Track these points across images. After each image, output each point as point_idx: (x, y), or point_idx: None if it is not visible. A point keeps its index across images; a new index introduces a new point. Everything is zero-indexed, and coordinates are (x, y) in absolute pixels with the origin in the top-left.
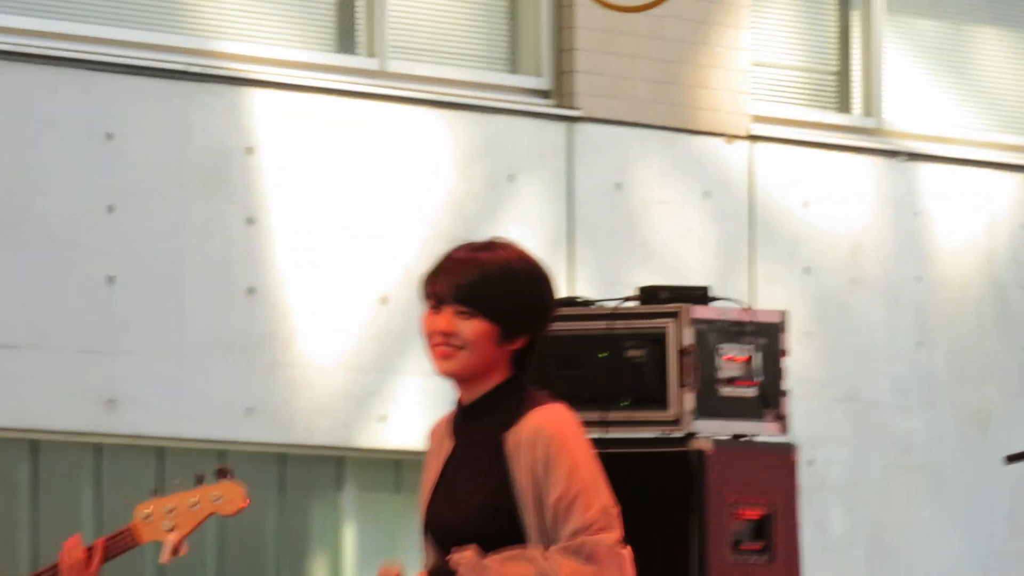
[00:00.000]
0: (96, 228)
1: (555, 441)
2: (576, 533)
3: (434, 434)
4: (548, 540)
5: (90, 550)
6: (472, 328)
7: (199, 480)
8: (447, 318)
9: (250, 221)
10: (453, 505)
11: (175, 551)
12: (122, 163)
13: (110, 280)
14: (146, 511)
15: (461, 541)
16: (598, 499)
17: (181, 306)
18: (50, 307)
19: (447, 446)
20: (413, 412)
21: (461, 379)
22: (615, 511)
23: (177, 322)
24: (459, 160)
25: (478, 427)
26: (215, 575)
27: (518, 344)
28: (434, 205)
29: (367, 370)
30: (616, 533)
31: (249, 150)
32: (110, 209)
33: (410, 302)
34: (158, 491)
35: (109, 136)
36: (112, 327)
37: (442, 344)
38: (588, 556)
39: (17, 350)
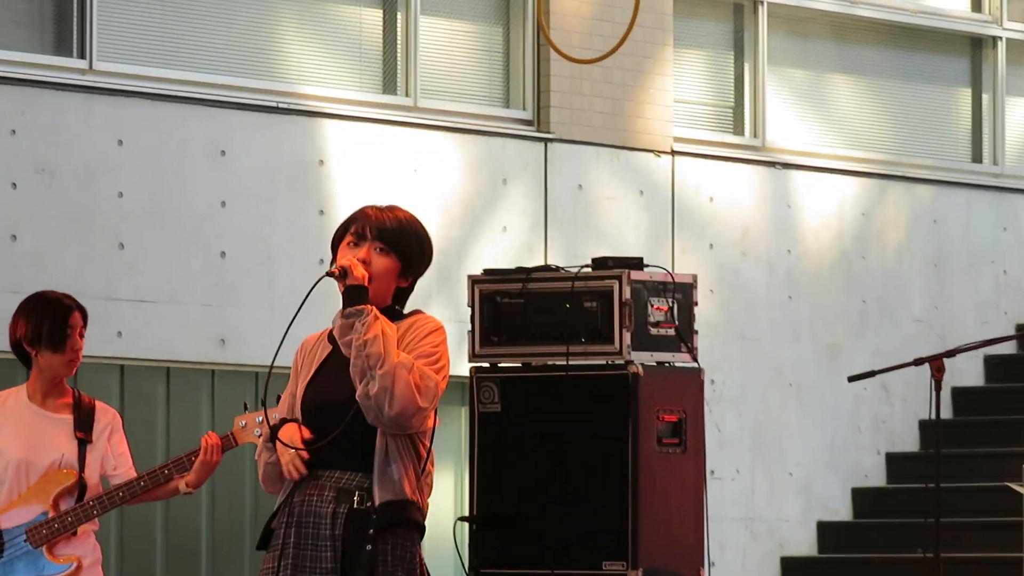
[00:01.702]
0: (213, 217)
1: (433, 329)
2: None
3: (303, 348)
4: None
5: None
6: (385, 262)
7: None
8: (366, 250)
9: (321, 212)
10: (331, 390)
11: None
12: (232, 172)
13: (222, 254)
14: (242, 421)
15: (335, 417)
16: (442, 367)
17: (271, 273)
18: (180, 273)
19: (321, 352)
20: None
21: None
22: (440, 383)
23: (269, 284)
24: (468, 169)
25: None
26: None
27: (406, 283)
28: (451, 201)
29: None
30: (438, 383)
31: (321, 162)
32: (223, 204)
33: (433, 271)
34: (248, 407)
35: (223, 153)
36: (223, 288)
37: None
38: (421, 374)
39: (157, 304)
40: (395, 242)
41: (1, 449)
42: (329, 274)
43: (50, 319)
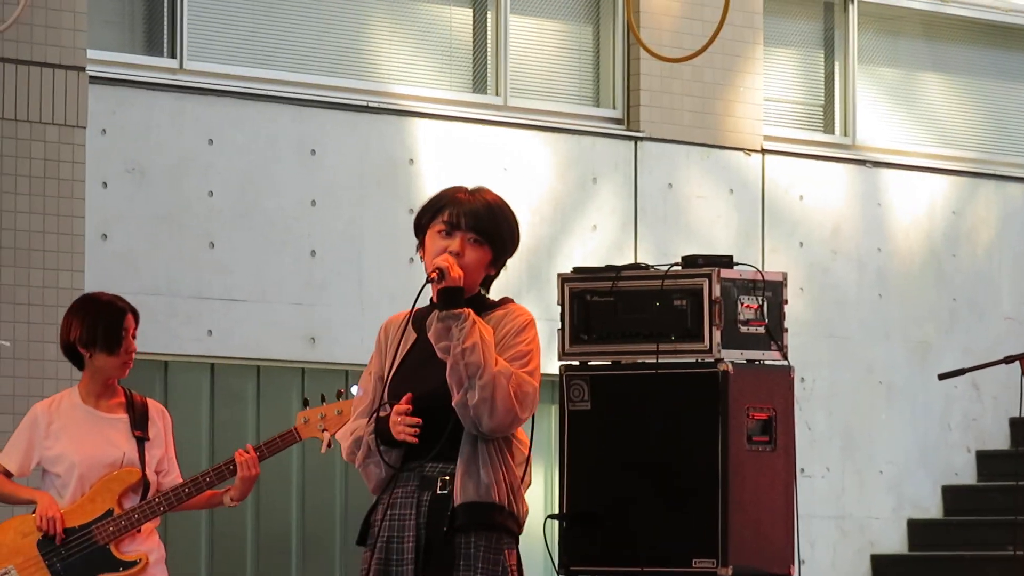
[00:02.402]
0: (303, 216)
1: (525, 324)
2: (516, 368)
3: (387, 329)
4: None
5: (258, 448)
6: (478, 255)
7: (339, 395)
8: (459, 242)
9: (411, 211)
10: (421, 381)
11: (328, 445)
12: (322, 171)
13: (312, 253)
14: (304, 417)
15: (423, 412)
16: (535, 367)
17: (361, 271)
18: (270, 272)
19: (406, 339)
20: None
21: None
22: (537, 387)
23: (358, 283)
24: (558, 168)
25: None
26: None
27: (495, 270)
28: (542, 200)
29: None
30: (536, 389)
31: (411, 161)
32: (313, 203)
33: (522, 269)
34: (309, 402)
35: (313, 152)
36: (313, 287)
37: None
38: (519, 382)
39: (247, 303)
40: (489, 232)
41: (62, 453)
42: (429, 280)
43: (105, 321)
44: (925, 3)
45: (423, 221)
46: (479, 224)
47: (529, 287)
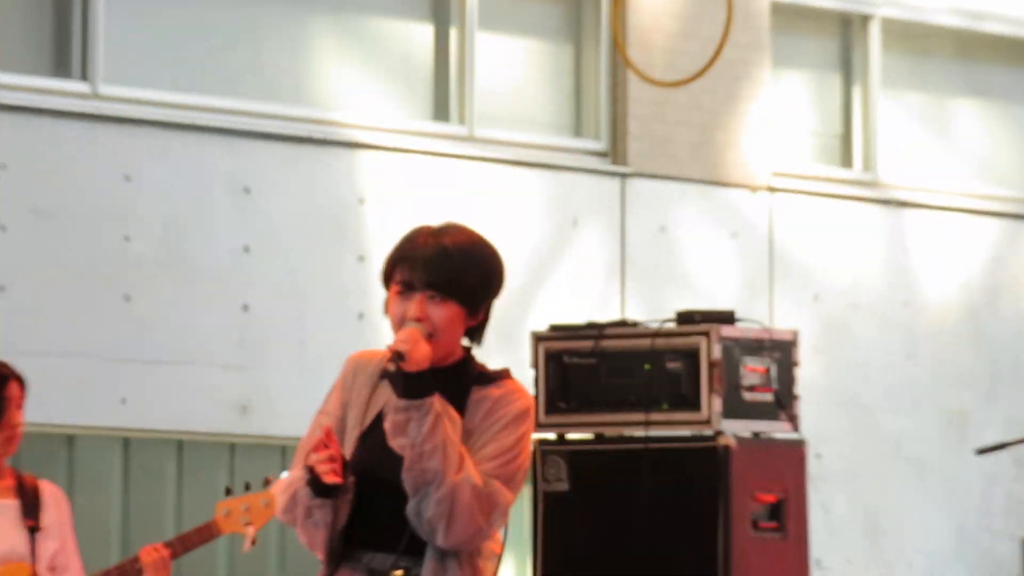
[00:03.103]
0: (235, 265)
1: (519, 413)
2: (488, 472)
3: (355, 370)
4: None
5: (170, 545)
6: (444, 312)
7: (266, 483)
8: (419, 303)
9: (361, 259)
10: (391, 459)
11: (252, 542)
12: (257, 212)
13: (246, 308)
14: (225, 508)
15: (386, 499)
16: (520, 464)
17: (303, 329)
18: (196, 330)
19: (379, 395)
20: None
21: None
22: (513, 493)
23: (300, 343)
24: (533, 209)
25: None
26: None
27: (477, 320)
28: (514, 246)
29: None
30: (510, 500)
31: (361, 200)
32: (246, 249)
33: (491, 327)
34: (232, 491)
35: (247, 190)
36: (246, 347)
37: None
38: (490, 493)
39: (169, 365)
40: (451, 285)
41: None
42: (384, 371)
43: None
44: (957, 19)
45: (385, 274)
46: (437, 278)
47: (498, 347)
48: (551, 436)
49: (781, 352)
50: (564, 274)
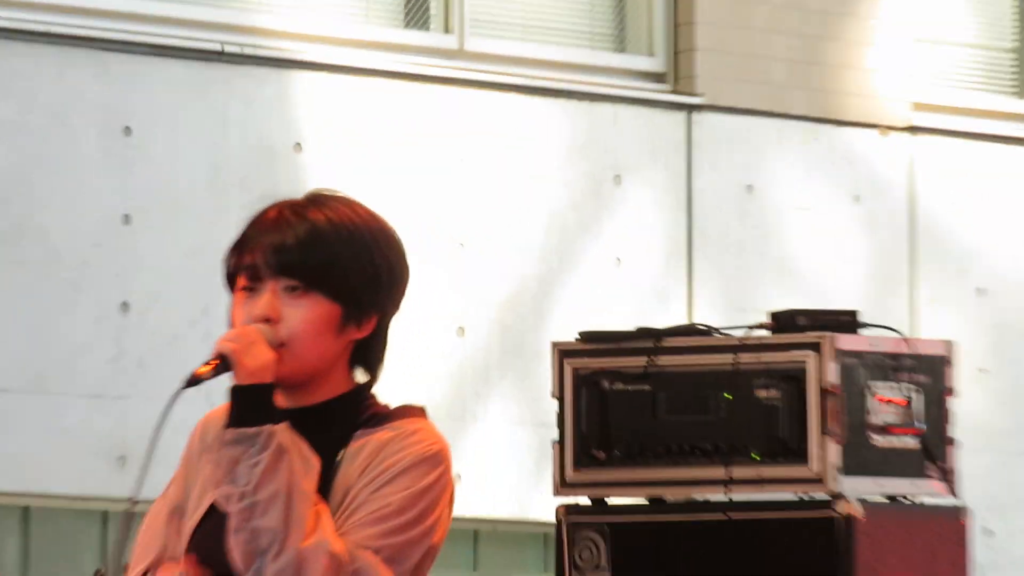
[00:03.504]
0: (109, 243)
1: (420, 458)
2: (361, 543)
3: (203, 434)
4: None
5: None
6: (305, 311)
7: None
8: (268, 300)
9: None
10: (225, 552)
11: None
12: (143, 164)
13: (124, 307)
14: None
15: None
16: (412, 551)
17: (210, 338)
18: (52, 342)
19: (208, 493)
20: (494, 472)
21: (287, 386)
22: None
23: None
24: (554, 159)
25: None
26: None
27: (364, 331)
28: (524, 216)
29: (441, 417)
30: None
31: (297, 147)
32: (126, 220)
33: (491, 335)
34: None
35: (127, 131)
36: (125, 366)
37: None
38: (357, 569)
39: (10, 395)
40: (317, 271)
41: None
42: (192, 381)
43: None
44: None
45: (228, 269)
46: (294, 259)
47: (500, 367)
48: (583, 501)
49: (929, 374)
50: (601, 256)
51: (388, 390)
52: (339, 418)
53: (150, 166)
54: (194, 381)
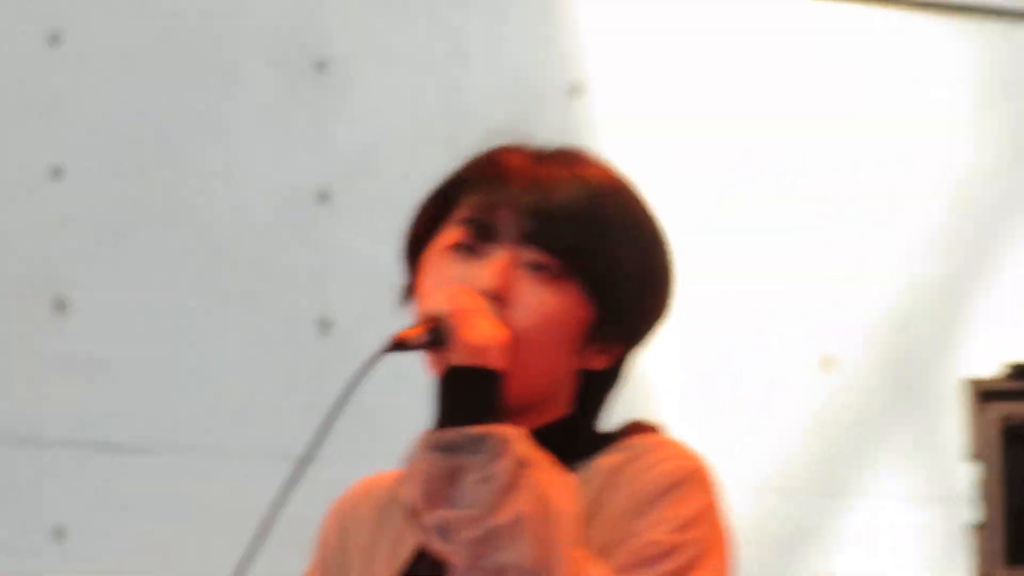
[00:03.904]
0: (36, 201)
1: (685, 477)
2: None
3: (342, 521)
4: None
5: None
6: (552, 300)
7: None
8: (502, 269)
9: (323, 197)
10: None
11: None
12: (71, 63)
13: (61, 307)
14: None
15: None
16: (708, 559)
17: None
18: None
19: (402, 546)
20: (878, 571)
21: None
22: None
23: (190, 378)
24: (970, 98)
25: None
26: None
27: (602, 361)
28: (914, 184)
29: (796, 488)
30: None
31: (573, 91)
32: (56, 173)
33: (870, 368)
34: None
35: (54, 39)
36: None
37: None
38: None
39: None
40: (588, 254)
41: None
42: (395, 345)
43: None
44: None
45: (419, 230)
46: (561, 229)
47: (885, 414)
48: None
49: None
50: None
51: (717, 450)
52: (556, 444)
53: (75, 66)
54: (398, 345)
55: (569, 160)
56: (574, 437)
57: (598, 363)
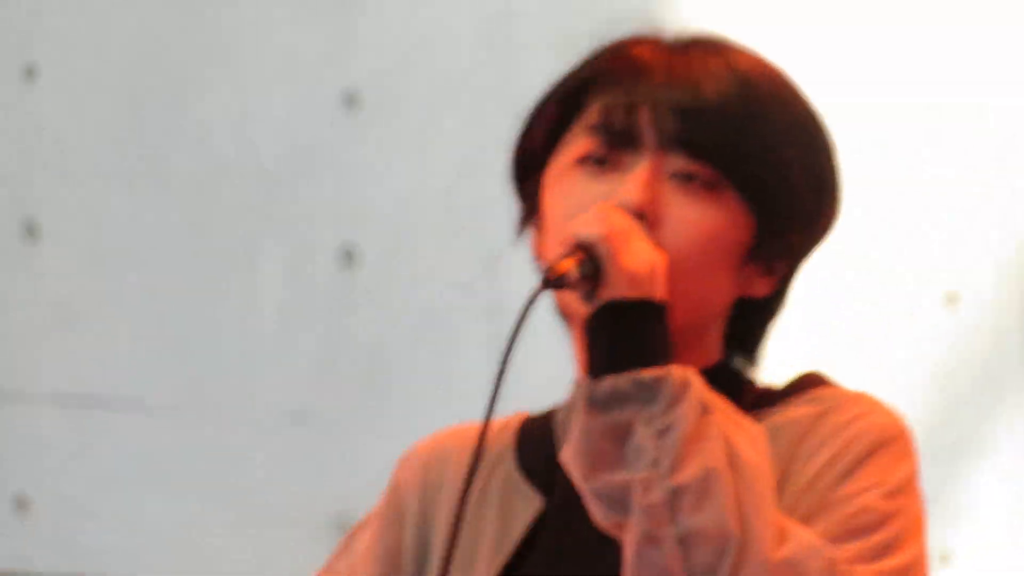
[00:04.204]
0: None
1: (891, 436)
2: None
3: (426, 469)
4: None
5: None
6: (707, 214)
7: None
8: (646, 183)
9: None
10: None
11: None
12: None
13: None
14: None
15: None
16: (916, 534)
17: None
18: None
19: (521, 509)
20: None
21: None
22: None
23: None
24: None
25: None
26: None
27: (763, 287)
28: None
29: (921, 438)
30: None
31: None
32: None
33: (998, 304)
34: None
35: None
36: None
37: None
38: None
39: None
40: (747, 156)
41: None
42: (552, 280)
43: None
44: None
45: (534, 142)
46: (715, 130)
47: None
48: None
49: None
50: None
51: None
52: (725, 388)
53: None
54: (555, 281)
55: (714, 48)
56: (741, 383)
57: (760, 288)
